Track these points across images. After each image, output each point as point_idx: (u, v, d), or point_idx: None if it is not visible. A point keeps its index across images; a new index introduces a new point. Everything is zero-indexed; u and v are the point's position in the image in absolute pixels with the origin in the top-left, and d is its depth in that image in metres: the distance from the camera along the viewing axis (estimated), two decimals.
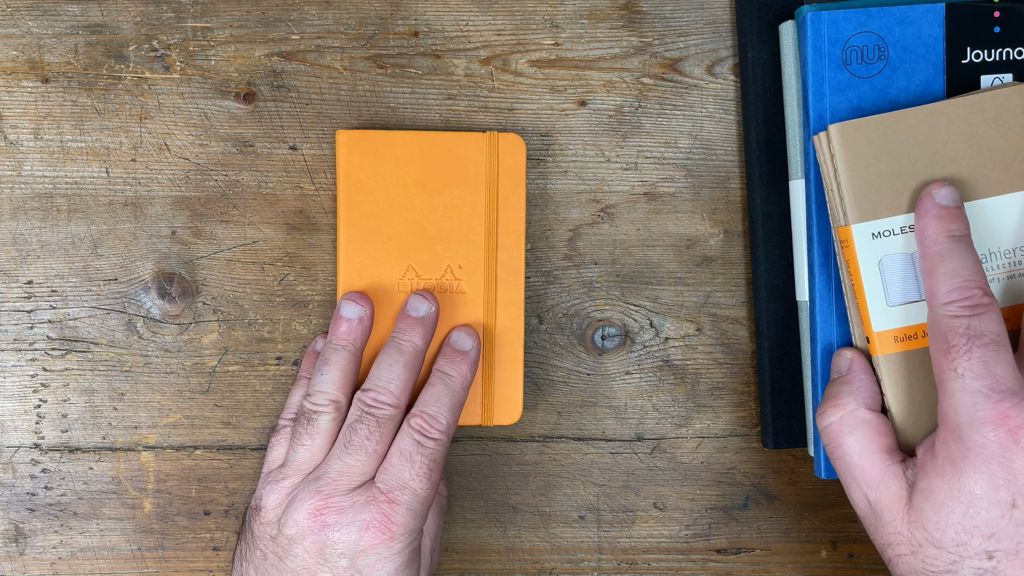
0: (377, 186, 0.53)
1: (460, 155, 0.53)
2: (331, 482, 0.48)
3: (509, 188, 0.53)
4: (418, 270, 0.53)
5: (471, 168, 0.53)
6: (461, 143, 0.53)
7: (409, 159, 0.53)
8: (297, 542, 0.47)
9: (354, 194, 0.53)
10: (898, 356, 0.48)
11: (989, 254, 0.48)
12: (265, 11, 0.54)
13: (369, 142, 0.53)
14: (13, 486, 0.55)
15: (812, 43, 0.50)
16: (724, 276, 0.56)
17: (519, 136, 0.53)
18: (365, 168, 0.52)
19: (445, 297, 0.53)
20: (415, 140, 0.53)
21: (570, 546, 0.57)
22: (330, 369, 0.50)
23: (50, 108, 0.54)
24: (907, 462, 0.45)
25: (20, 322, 0.55)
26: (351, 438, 0.48)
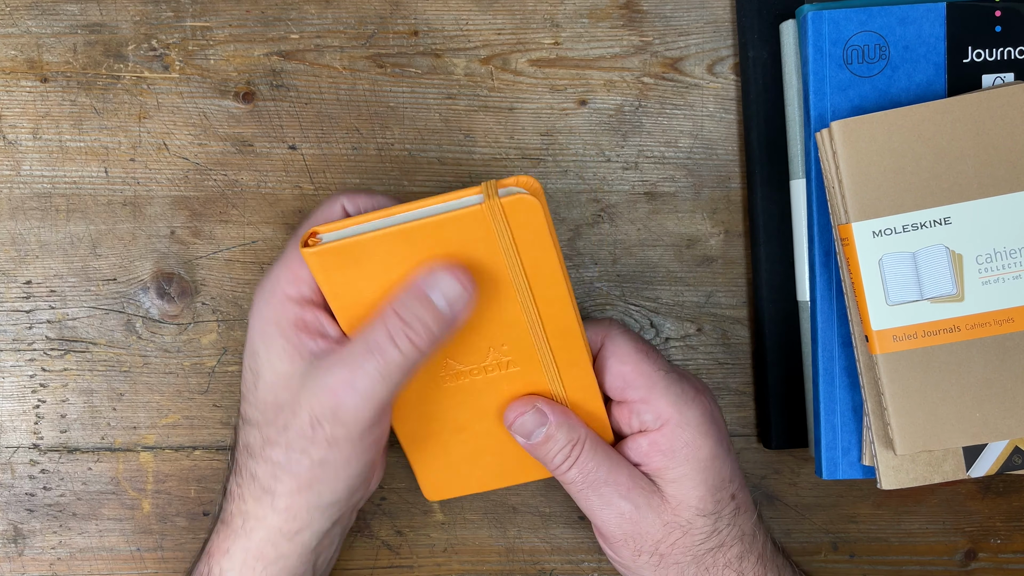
0: (376, 296, 0.43)
1: (462, 236, 0.42)
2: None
3: (535, 255, 0.43)
4: (457, 361, 0.46)
5: (480, 247, 0.42)
6: (459, 225, 0.42)
7: (401, 258, 0.42)
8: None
9: (351, 312, 0.44)
10: (897, 355, 0.48)
11: (994, 253, 0.48)
12: (264, 10, 0.54)
13: (345, 254, 0.42)
14: (12, 486, 0.55)
15: (813, 42, 0.50)
16: (725, 276, 0.56)
17: (528, 191, 0.42)
18: (352, 281, 0.43)
19: (497, 376, 0.46)
20: (399, 237, 0.42)
21: (570, 547, 0.57)
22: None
23: (49, 108, 0.54)
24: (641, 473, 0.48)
25: (19, 322, 0.55)
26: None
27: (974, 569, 0.57)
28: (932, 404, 0.49)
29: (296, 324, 0.44)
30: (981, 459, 0.50)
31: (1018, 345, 0.48)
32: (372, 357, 0.42)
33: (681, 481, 0.47)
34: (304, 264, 0.44)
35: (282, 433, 0.44)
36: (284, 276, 0.45)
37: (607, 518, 0.47)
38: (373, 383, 0.42)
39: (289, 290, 0.44)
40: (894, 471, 0.50)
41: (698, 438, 0.47)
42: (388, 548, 0.56)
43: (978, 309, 0.48)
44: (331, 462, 0.44)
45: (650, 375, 0.47)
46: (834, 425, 0.52)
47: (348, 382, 0.42)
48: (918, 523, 0.57)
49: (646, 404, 0.47)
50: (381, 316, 0.43)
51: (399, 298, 0.43)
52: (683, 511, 0.47)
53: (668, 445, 0.47)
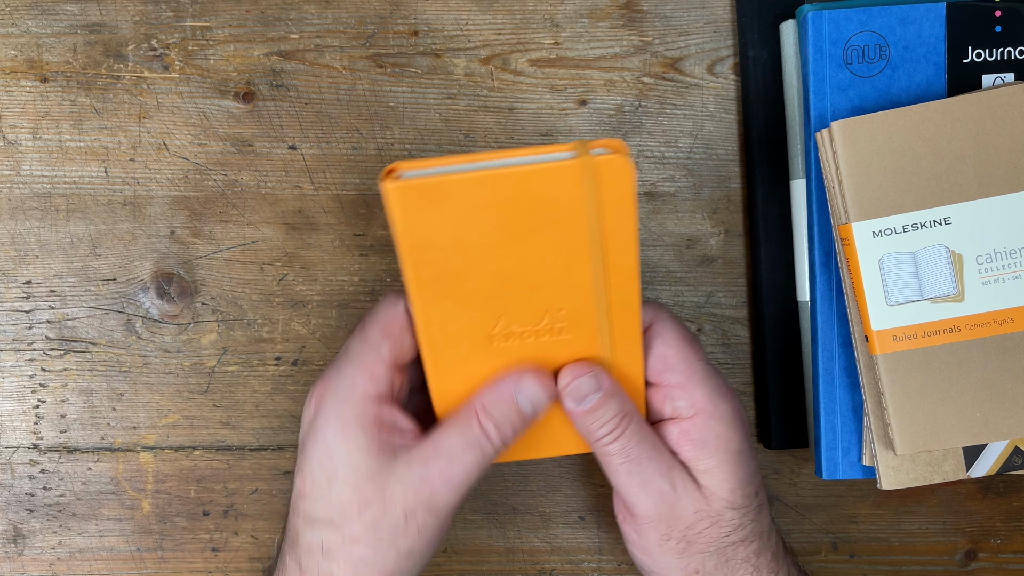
0: (448, 242, 0.42)
1: (548, 192, 0.41)
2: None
3: (616, 221, 0.42)
4: (511, 320, 0.45)
5: (564, 205, 0.41)
6: (548, 178, 0.40)
7: (482, 206, 0.41)
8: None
9: (420, 254, 0.42)
10: (897, 355, 0.48)
11: (994, 253, 0.48)
12: (264, 10, 0.54)
13: (428, 192, 0.40)
14: (12, 487, 0.55)
15: (813, 42, 0.50)
16: (725, 276, 0.56)
17: (623, 154, 0.40)
18: (428, 223, 0.41)
19: (547, 341, 0.46)
20: (486, 182, 0.40)
21: (570, 547, 0.57)
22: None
23: (49, 108, 0.54)
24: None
25: (19, 322, 0.55)
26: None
27: (974, 569, 0.57)
28: (932, 404, 0.49)
29: (377, 422, 0.45)
30: (981, 459, 0.50)
31: (1018, 345, 0.48)
32: (471, 450, 0.45)
33: (711, 472, 0.47)
34: (381, 361, 0.45)
35: (369, 529, 0.44)
36: (361, 375, 0.45)
37: (644, 496, 0.47)
38: (468, 474, 0.45)
39: (368, 389, 0.45)
40: (894, 471, 0.50)
41: (729, 431, 0.47)
42: None
43: (978, 309, 0.48)
44: (417, 550, 0.45)
45: (692, 362, 0.47)
46: (834, 425, 0.52)
47: (446, 474, 0.44)
48: (918, 523, 0.57)
49: (682, 390, 0.47)
50: (472, 413, 0.45)
51: (490, 401, 0.45)
52: (715, 502, 0.47)
53: (700, 435, 0.47)
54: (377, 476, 0.44)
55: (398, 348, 0.45)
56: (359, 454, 0.44)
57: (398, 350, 0.45)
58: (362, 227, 0.55)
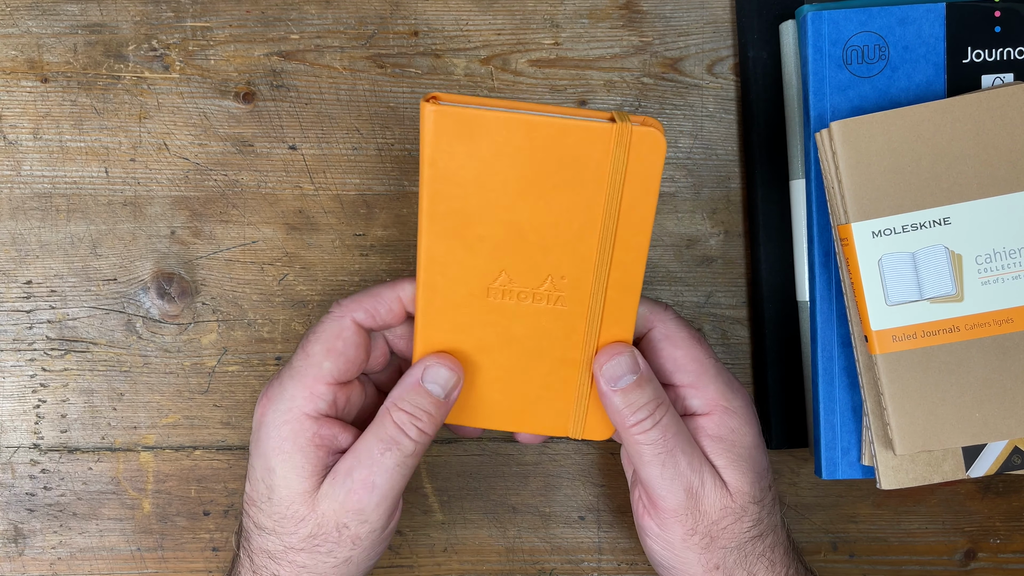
0: (470, 178, 0.42)
1: (579, 150, 0.41)
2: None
3: (636, 196, 0.42)
4: (512, 276, 0.45)
5: (591, 167, 0.42)
6: (582, 136, 0.41)
7: (512, 150, 0.41)
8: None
9: (440, 185, 0.42)
10: (897, 355, 0.48)
11: (994, 253, 0.48)
12: (265, 10, 0.54)
13: (464, 123, 0.41)
14: (12, 486, 0.55)
15: (812, 43, 0.50)
16: (724, 276, 0.56)
17: (658, 131, 0.41)
18: (456, 155, 0.42)
19: (542, 308, 0.45)
20: (522, 126, 0.41)
21: (570, 546, 0.57)
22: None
23: (49, 108, 0.54)
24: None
25: (19, 322, 0.55)
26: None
27: (974, 569, 0.57)
28: (932, 404, 0.49)
29: (314, 441, 0.46)
30: (981, 459, 0.50)
31: (1018, 345, 0.48)
32: (388, 452, 0.45)
33: (729, 468, 0.47)
34: (319, 379, 0.46)
35: (306, 540, 0.46)
36: (300, 393, 0.46)
37: (674, 489, 0.46)
38: (391, 476, 0.45)
39: (306, 407, 0.46)
40: (894, 471, 0.50)
41: (744, 426, 0.47)
42: (388, 548, 0.56)
43: (978, 309, 0.48)
44: (355, 558, 0.46)
45: (702, 361, 0.47)
46: (834, 425, 0.52)
47: (368, 482, 0.45)
48: (918, 523, 0.57)
49: (695, 389, 0.47)
50: (385, 414, 0.46)
51: (399, 394, 0.46)
52: (739, 498, 0.47)
53: (716, 431, 0.47)
54: (310, 495, 0.46)
55: (341, 364, 0.46)
56: (293, 474, 0.45)
57: (341, 366, 0.46)
58: (362, 227, 0.55)
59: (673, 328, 0.48)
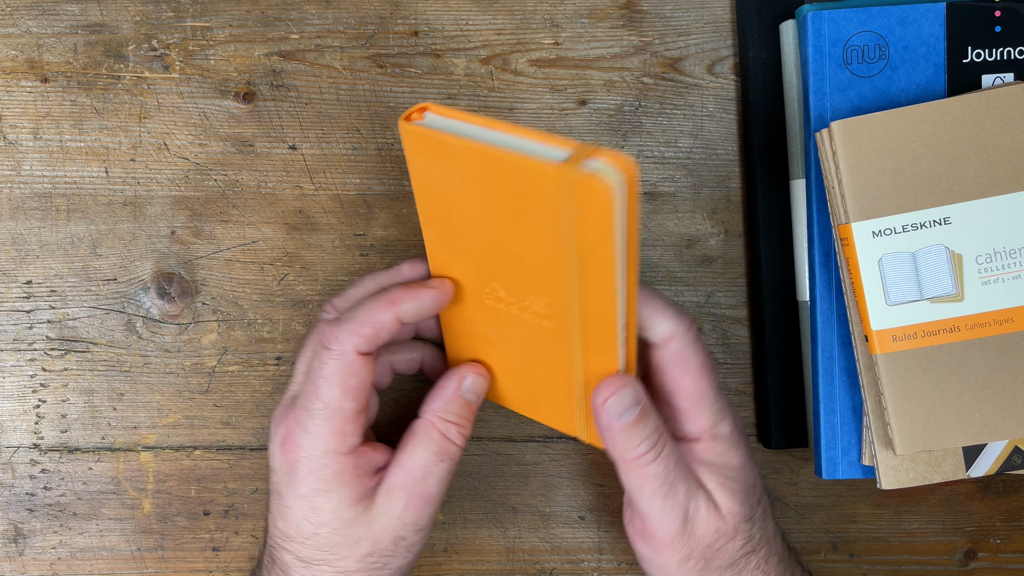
0: (448, 193, 0.42)
1: (530, 187, 0.39)
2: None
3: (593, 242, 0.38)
4: (499, 288, 0.45)
5: (544, 205, 0.39)
6: (529, 175, 0.38)
7: (477, 176, 0.40)
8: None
9: (426, 194, 0.43)
10: (897, 355, 0.48)
11: (994, 253, 0.48)
12: (265, 10, 0.54)
13: (433, 144, 0.40)
14: (12, 486, 0.55)
15: (813, 42, 0.50)
16: (724, 276, 0.56)
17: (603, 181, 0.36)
18: (432, 172, 0.42)
19: (531, 322, 0.45)
20: (480, 156, 0.39)
21: (570, 546, 0.57)
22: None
23: (49, 108, 0.54)
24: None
25: (19, 322, 0.55)
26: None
27: (974, 569, 0.57)
28: (932, 404, 0.49)
29: (355, 473, 0.46)
30: (981, 459, 0.50)
31: (1018, 345, 0.48)
32: (441, 462, 0.47)
33: (719, 491, 0.47)
34: (345, 420, 0.46)
35: (362, 560, 0.46)
36: (332, 438, 0.46)
37: (671, 518, 0.46)
38: (443, 484, 0.47)
39: (342, 448, 0.46)
40: (894, 471, 0.50)
41: (731, 450, 0.48)
42: None
43: (978, 309, 0.48)
44: (407, 563, 0.48)
45: (704, 393, 0.47)
46: (834, 425, 0.52)
47: (424, 493, 0.47)
48: (918, 523, 0.57)
49: (689, 415, 0.47)
50: (430, 425, 0.47)
51: (440, 406, 0.48)
52: (731, 519, 0.47)
53: (704, 456, 0.47)
54: (363, 518, 0.46)
55: (361, 398, 0.46)
56: (342, 506, 0.46)
57: (361, 400, 0.46)
58: (362, 227, 0.55)
59: (689, 354, 0.46)
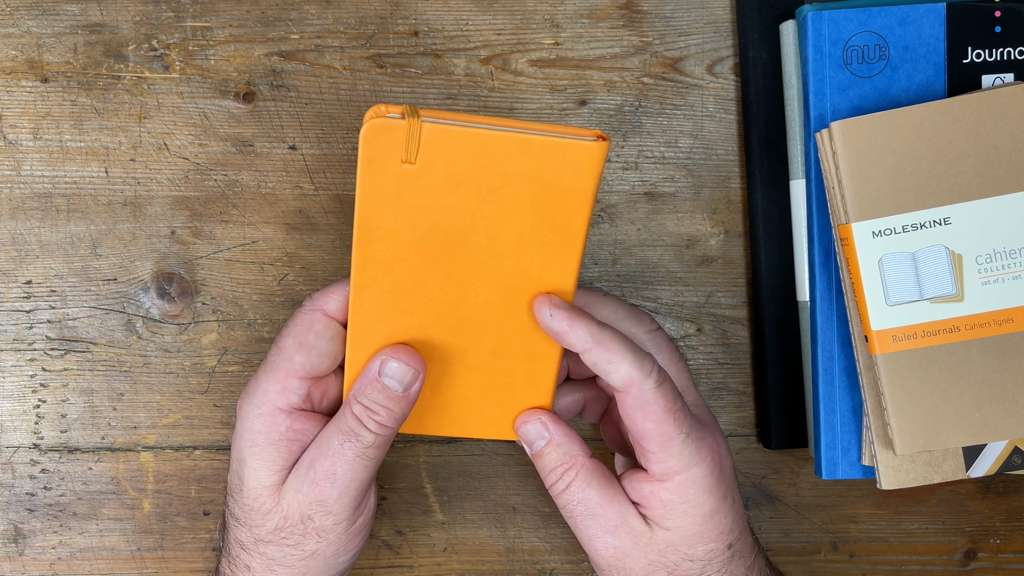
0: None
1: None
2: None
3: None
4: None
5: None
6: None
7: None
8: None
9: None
10: (897, 355, 0.48)
11: (994, 253, 0.48)
12: (265, 10, 0.54)
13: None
14: (12, 486, 0.55)
15: (813, 43, 0.50)
16: (724, 276, 0.56)
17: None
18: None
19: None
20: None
21: (570, 546, 0.57)
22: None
23: (49, 108, 0.54)
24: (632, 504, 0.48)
25: (19, 322, 0.55)
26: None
27: (974, 569, 0.57)
28: (932, 404, 0.49)
29: (287, 435, 0.46)
30: (981, 459, 0.50)
31: (1018, 345, 0.48)
32: (347, 442, 0.45)
33: (675, 531, 0.46)
34: (291, 373, 0.46)
35: (273, 533, 0.46)
36: (273, 388, 0.46)
37: (594, 548, 0.47)
38: (352, 467, 0.46)
39: (279, 401, 0.46)
40: (894, 471, 0.50)
41: (700, 495, 0.46)
42: (388, 548, 0.56)
43: (978, 309, 0.48)
44: (322, 552, 0.47)
45: (671, 438, 0.46)
46: (834, 425, 0.52)
47: (329, 473, 0.46)
48: (918, 523, 0.57)
49: (655, 458, 0.46)
50: (346, 405, 0.46)
51: (358, 387, 0.46)
52: (670, 554, 0.47)
53: (669, 498, 0.46)
54: (277, 487, 0.46)
55: (313, 357, 0.46)
56: (263, 467, 0.46)
57: (313, 359, 0.46)
58: None
59: (650, 399, 0.45)
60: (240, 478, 0.47)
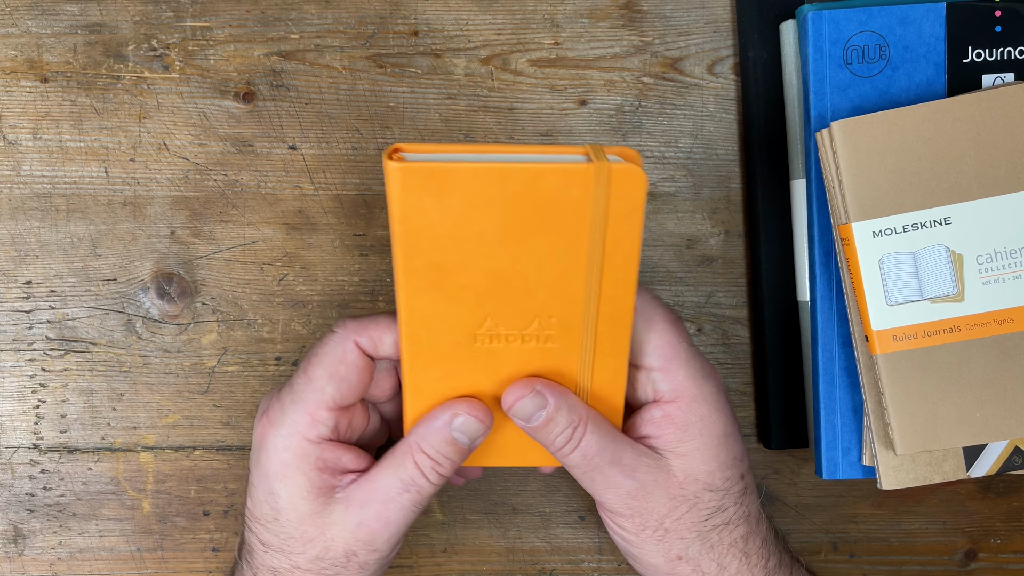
0: (444, 232, 0.40)
1: (556, 194, 0.39)
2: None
3: (621, 233, 0.40)
4: (498, 322, 0.43)
5: (570, 209, 0.39)
6: (559, 179, 0.39)
7: (486, 200, 0.39)
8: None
9: (414, 241, 0.40)
10: (897, 355, 0.48)
11: (994, 253, 0.48)
12: (264, 10, 0.54)
13: (432, 177, 0.38)
14: (12, 487, 0.55)
15: (813, 42, 0.50)
16: (725, 276, 0.56)
17: (638, 166, 0.39)
18: (427, 211, 0.39)
19: (532, 347, 0.44)
20: (495, 175, 0.39)
21: (570, 547, 0.57)
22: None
23: (49, 108, 0.54)
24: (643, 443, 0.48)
25: (19, 322, 0.55)
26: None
27: (974, 569, 0.57)
28: (932, 404, 0.49)
29: (317, 465, 0.46)
30: (981, 459, 0.50)
31: (1018, 345, 0.48)
32: (407, 492, 0.45)
33: (692, 455, 0.46)
34: (321, 405, 0.45)
35: (314, 561, 0.46)
36: (302, 419, 0.46)
37: (612, 497, 0.47)
38: (407, 514, 0.46)
39: (309, 433, 0.46)
40: (894, 471, 0.50)
41: (714, 413, 0.46)
42: None
43: (978, 309, 0.48)
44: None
45: (674, 345, 0.46)
46: (834, 425, 0.52)
47: (383, 517, 0.45)
48: (918, 523, 0.57)
49: (664, 373, 0.46)
50: (408, 453, 0.45)
51: (424, 435, 0.45)
52: (690, 485, 0.46)
53: (683, 418, 0.46)
54: (318, 517, 0.46)
55: (344, 389, 0.46)
56: (298, 497, 0.46)
57: (344, 391, 0.46)
58: (362, 227, 0.55)
59: (650, 308, 0.46)
60: (275, 509, 0.46)
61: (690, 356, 0.46)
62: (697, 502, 0.46)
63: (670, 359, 0.46)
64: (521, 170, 0.38)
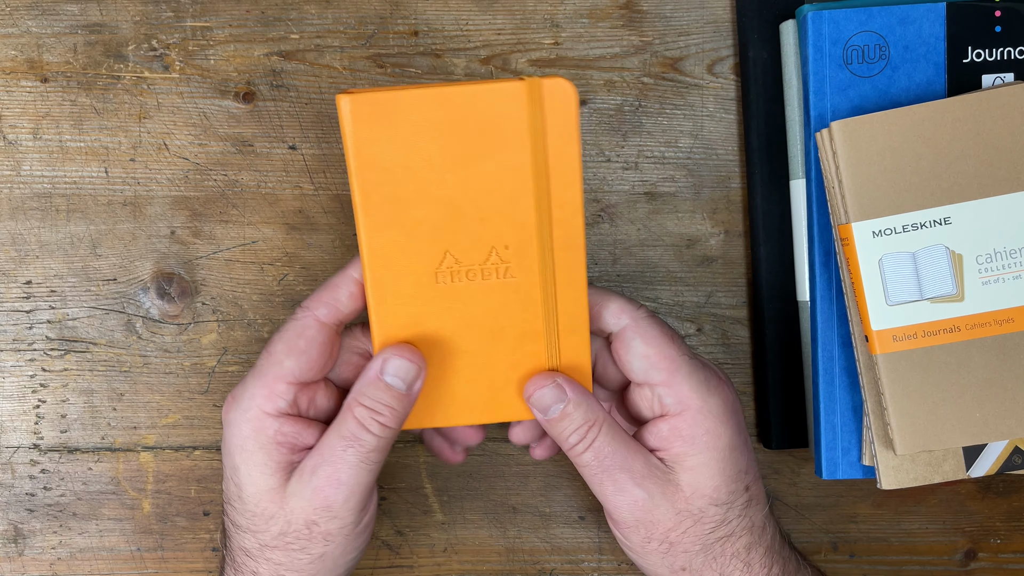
0: (396, 161, 0.43)
1: (494, 113, 0.43)
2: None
3: (560, 148, 0.44)
4: (457, 256, 0.45)
5: (510, 128, 0.43)
6: (494, 98, 0.43)
7: (430, 125, 0.43)
8: None
9: (369, 173, 0.44)
10: (897, 355, 0.48)
11: (994, 253, 0.48)
12: (264, 10, 0.54)
13: (379, 107, 0.43)
14: (12, 487, 0.55)
15: (813, 42, 0.50)
16: (725, 276, 0.56)
17: (565, 79, 0.43)
18: (378, 141, 0.43)
19: (493, 284, 0.46)
20: (435, 98, 0.43)
21: (570, 546, 0.57)
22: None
23: (49, 108, 0.54)
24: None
25: (19, 322, 0.55)
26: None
27: (974, 569, 0.57)
28: (932, 404, 0.49)
29: (275, 439, 0.46)
30: (981, 459, 0.50)
31: (1018, 345, 0.48)
32: (350, 447, 0.45)
33: (698, 469, 0.46)
34: (279, 378, 0.46)
35: (279, 538, 0.46)
36: (261, 392, 0.46)
37: (619, 504, 0.47)
38: (357, 472, 0.45)
39: (266, 406, 0.46)
40: (894, 471, 0.50)
41: (719, 426, 0.47)
42: (388, 548, 0.56)
43: (978, 309, 0.48)
44: (330, 554, 0.46)
45: (674, 359, 0.47)
46: (834, 425, 0.52)
47: (333, 478, 0.45)
48: (918, 523, 0.57)
49: (668, 388, 0.47)
50: (347, 409, 0.45)
51: (359, 389, 0.46)
52: (696, 500, 0.46)
53: (689, 432, 0.46)
54: (276, 492, 0.46)
55: (303, 362, 0.46)
56: (257, 472, 0.46)
57: (303, 364, 0.46)
58: None
59: (646, 326, 0.47)
60: (237, 486, 0.46)
61: (692, 369, 0.47)
62: (702, 516, 0.47)
63: (672, 372, 0.47)
64: (459, 91, 0.43)
